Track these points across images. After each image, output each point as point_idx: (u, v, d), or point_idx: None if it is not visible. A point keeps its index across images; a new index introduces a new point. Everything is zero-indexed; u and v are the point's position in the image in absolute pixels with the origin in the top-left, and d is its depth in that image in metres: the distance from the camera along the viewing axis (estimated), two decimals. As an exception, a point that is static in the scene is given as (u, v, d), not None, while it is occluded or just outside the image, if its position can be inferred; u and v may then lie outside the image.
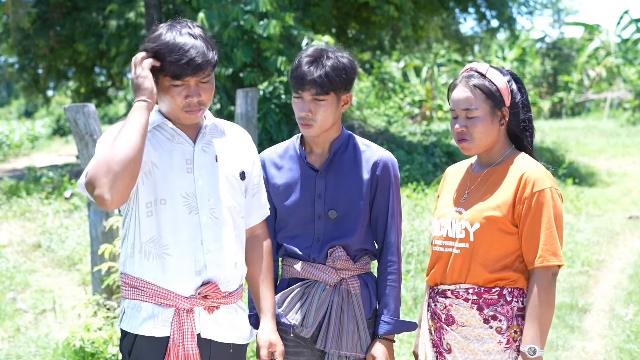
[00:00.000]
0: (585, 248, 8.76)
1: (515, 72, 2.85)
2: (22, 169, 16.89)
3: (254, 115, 7.44)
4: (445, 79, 29.65)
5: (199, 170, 2.59)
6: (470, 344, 2.71)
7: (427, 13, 17.12)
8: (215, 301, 2.59)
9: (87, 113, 5.46)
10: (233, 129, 2.80)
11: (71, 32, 17.82)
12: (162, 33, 2.52)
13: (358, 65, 2.96)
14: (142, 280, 2.56)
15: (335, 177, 2.92)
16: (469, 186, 2.85)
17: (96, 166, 2.33)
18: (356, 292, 2.91)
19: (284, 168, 2.99)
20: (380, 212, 2.94)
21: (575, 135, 22.34)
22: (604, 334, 6.00)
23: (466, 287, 2.74)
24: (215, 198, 2.61)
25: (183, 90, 2.52)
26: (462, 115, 2.76)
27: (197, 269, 2.56)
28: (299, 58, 2.85)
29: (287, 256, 3.01)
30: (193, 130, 2.65)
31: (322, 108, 2.82)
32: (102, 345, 4.91)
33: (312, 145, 2.96)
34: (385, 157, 2.95)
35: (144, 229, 2.55)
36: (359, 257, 2.95)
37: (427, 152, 15.13)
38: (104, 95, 22.80)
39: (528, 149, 2.83)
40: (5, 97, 52.28)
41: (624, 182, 14.74)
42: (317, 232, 2.92)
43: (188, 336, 2.53)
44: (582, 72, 33.30)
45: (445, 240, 2.81)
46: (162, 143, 2.59)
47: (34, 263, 8.47)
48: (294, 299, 2.92)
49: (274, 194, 2.98)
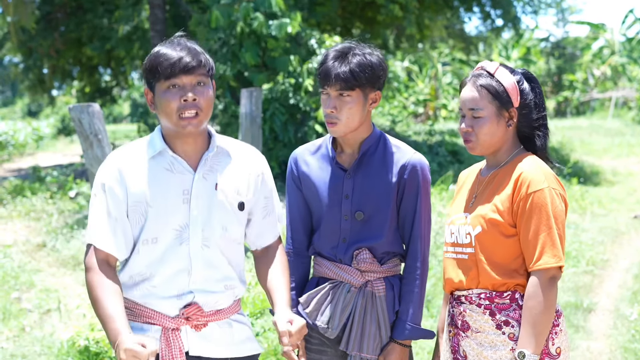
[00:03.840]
0: (590, 247, 8.74)
1: (529, 71, 2.79)
2: (27, 169, 16.90)
3: (258, 115, 7.44)
4: (449, 78, 29.59)
5: (195, 200, 2.55)
6: (484, 351, 2.68)
7: (431, 12, 17.11)
8: (200, 320, 2.57)
9: (92, 113, 5.47)
10: (239, 151, 2.71)
11: (77, 33, 17.85)
12: (155, 49, 2.55)
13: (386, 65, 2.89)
14: (131, 301, 2.59)
15: (363, 178, 2.86)
16: (477, 190, 2.81)
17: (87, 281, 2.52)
18: (381, 295, 2.87)
19: (314, 166, 2.95)
20: (407, 216, 2.87)
21: (580, 134, 22.29)
22: (609, 333, 5.98)
23: (478, 292, 2.71)
24: (210, 228, 2.57)
25: (178, 92, 2.49)
26: (468, 114, 2.73)
27: (180, 293, 2.56)
28: (326, 53, 2.81)
29: (316, 255, 2.99)
30: (195, 156, 2.60)
31: (348, 105, 2.75)
32: (107, 345, 4.92)
33: (342, 144, 2.90)
34: (414, 160, 2.86)
35: (132, 263, 2.57)
36: (386, 259, 2.90)
37: (432, 151, 15.13)
38: (109, 95, 22.83)
39: (540, 150, 2.76)
40: (10, 96, 52.35)
41: (629, 181, 14.71)
42: (344, 233, 2.88)
43: (177, 352, 2.52)
44: (587, 71, 33.23)
45: (455, 247, 2.79)
46: (159, 175, 2.55)
47: (38, 263, 8.48)
48: (321, 300, 2.90)
49: (305, 191, 2.95)
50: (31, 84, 21.07)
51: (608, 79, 32.81)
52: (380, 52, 2.85)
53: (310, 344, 2.94)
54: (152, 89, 2.56)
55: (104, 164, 2.61)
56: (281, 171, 12.25)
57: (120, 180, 2.53)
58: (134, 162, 2.57)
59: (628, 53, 32.27)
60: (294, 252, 3.01)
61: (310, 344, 2.94)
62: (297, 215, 2.98)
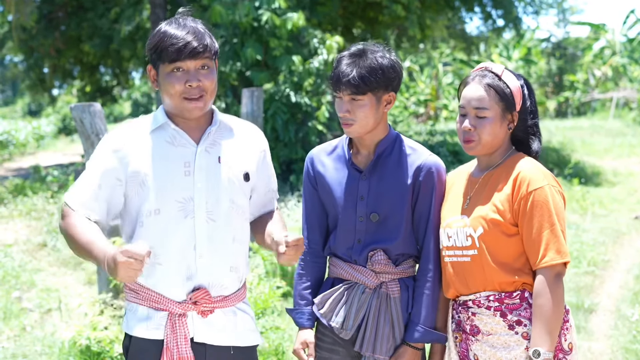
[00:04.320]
0: (591, 248, 8.74)
1: (523, 76, 2.80)
2: (27, 168, 16.91)
3: (259, 114, 7.44)
4: (450, 78, 29.59)
5: (199, 172, 2.57)
6: (497, 352, 2.66)
7: (433, 12, 17.10)
8: (207, 306, 2.58)
9: (93, 112, 5.47)
10: (242, 126, 2.76)
11: (77, 32, 17.85)
12: (161, 27, 2.55)
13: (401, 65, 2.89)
14: (139, 284, 2.58)
15: (379, 180, 2.86)
16: (470, 192, 2.80)
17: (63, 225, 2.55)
18: (395, 296, 2.87)
19: (330, 167, 2.95)
20: (421, 218, 2.87)
21: (581, 135, 22.27)
22: (610, 334, 5.98)
23: (487, 294, 2.70)
24: (215, 200, 2.58)
25: (182, 76, 2.51)
26: (472, 113, 2.72)
27: (188, 275, 2.56)
28: (339, 57, 2.82)
29: (332, 255, 2.99)
30: (198, 130, 2.62)
31: (361, 108, 2.76)
32: (108, 345, 4.91)
33: (358, 145, 2.91)
34: (429, 162, 2.88)
35: (138, 237, 2.56)
36: (401, 261, 2.90)
37: (433, 151, 14.90)
38: (110, 95, 22.83)
39: (532, 155, 2.78)
40: (10, 96, 52.35)
41: (629, 182, 14.70)
42: (359, 234, 2.88)
43: (182, 340, 2.53)
44: (588, 71, 33.19)
45: (455, 250, 2.77)
46: (160, 148, 2.57)
47: (39, 262, 8.48)
48: (335, 300, 2.90)
49: (321, 192, 2.96)
50: (32, 83, 21.08)
51: (609, 80, 32.77)
52: (394, 54, 2.85)
53: (322, 342, 2.96)
54: (155, 67, 2.57)
55: (106, 136, 2.65)
56: (281, 171, 12.23)
57: (119, 151, 2.56)
58: (135, 134, 2.60)
59: (629, 53, 32.26)
60: (309, 251, 3.01)
61: (323, 342, 2.95)
62: (313, 215, 2.98)
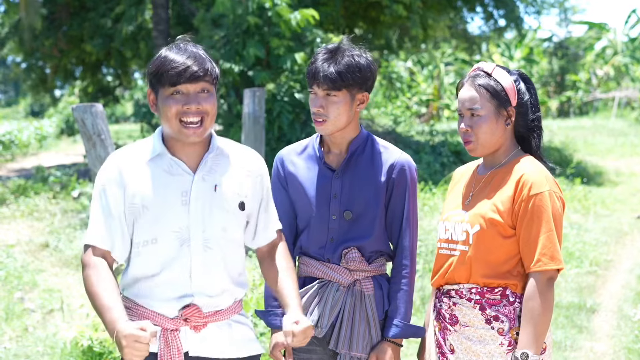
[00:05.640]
0: (593, 248, 8.73)
1: (524, 72, 2.83)
2: (30, 169, 16.91)
3: (261, 114, 7.44)
4: (452, 78, 29.57)
5: (195, 201, 2.56)
6: (472, 346, 2.71)
7: (434, 12, 17.09)
8: (198, 321, 2.58)
9: (95, 113, 5.47)
10: (239, 153, 2.71)
11: (79, 32, 17.86)
12: (162, 52, 2.56)
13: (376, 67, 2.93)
14: (133, 302, 2.61)
15: (352, 178, 2.90)
16: (474, 188, 2.83)
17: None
18: (369, 293, 2.91)
19: (301, 166, 2.98)
20: (396, 216, 2.92)
21: (583, 134, 22.25)
22: (612, 334, 5.98)
23: (469, 286, 2.74)
24: (210, 229, 2.58)
25: (181, 99, 2.51)
26: (467, 114, 2.76)
27: (181, 295, 2.58)
28: (316, 54, 2.87)
29: (302, 254, 3.01)
30: (195, 156, 2.60)
31: (335, 105, 2.81)
32: (110, 345, 4.92)
33: (330, 144, 2.95)
34: (402, 160, 2.93)
35: (134, 265, 2.59)
36: (373, 258, 2.94)
37: (435, 151, 15.10)
38: (112, 95, 22.83)
39: (535, 151, 2.81)
40: (13, 96, 52.39)
41: (632, 181, 14.69)
42: (332, 233, 2.91)
43: (174, 352, 2.54)
44: (590, 71, 33.17)
45: (449, 243, 2.81)
46: (158, 177, 2.57)
47: (41, 263, 8.48)
48: (309, 299, 2.92)
49: (292, 192, 2.98)
50: (33, 83, 21.07)
51: (611, 79, 32.75)
52: (370, 55, 2.90)
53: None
54: (155, 91, 2.58)
55: (104, 166, 2.64)
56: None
57: (120, 181, 2.56)
58: (133, 163, 2.59)
59: (631, 53, 32.22)
60: None
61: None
62: (282, 215, 2.97)
